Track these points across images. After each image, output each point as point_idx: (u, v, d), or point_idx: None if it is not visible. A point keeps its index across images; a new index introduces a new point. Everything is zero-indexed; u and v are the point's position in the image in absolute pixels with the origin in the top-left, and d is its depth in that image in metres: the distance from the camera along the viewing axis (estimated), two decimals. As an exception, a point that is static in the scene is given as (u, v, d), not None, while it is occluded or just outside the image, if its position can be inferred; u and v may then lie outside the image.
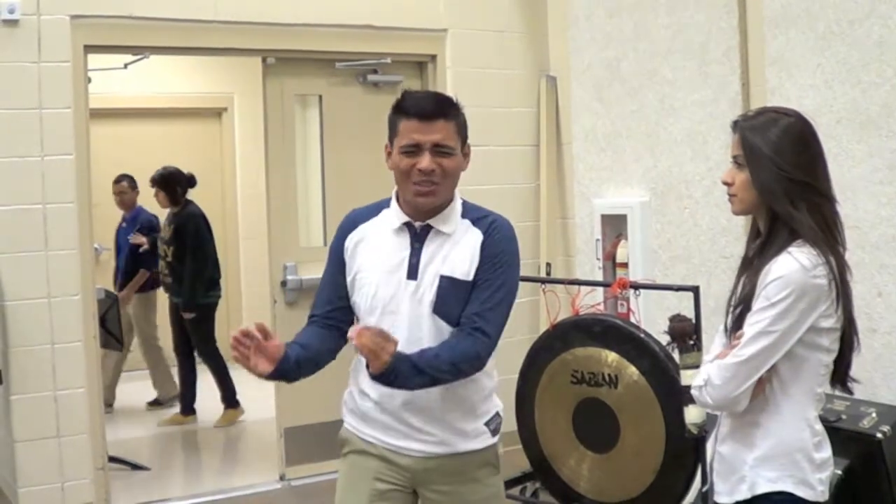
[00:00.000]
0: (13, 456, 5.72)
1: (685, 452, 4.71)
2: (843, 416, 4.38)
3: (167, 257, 8.24)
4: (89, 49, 5.95)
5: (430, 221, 3.24)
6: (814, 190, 2.83)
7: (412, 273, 3.21)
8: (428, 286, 3.20)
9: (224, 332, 8.07)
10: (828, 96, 5.11)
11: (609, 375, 4.98)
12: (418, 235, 3.24)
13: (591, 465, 5.12)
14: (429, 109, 3.18)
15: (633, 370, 4.90)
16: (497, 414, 3.37)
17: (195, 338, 8.32)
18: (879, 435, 4.27)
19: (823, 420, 3.02)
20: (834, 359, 2.89)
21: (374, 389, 3.19)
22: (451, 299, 3.20)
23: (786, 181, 2.80)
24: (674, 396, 4.48)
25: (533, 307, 6.89)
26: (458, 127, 3.25)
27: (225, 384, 8.26)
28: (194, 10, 6.12)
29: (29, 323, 5.70)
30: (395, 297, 3.19)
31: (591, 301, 5.37)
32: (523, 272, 6.92)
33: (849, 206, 4.82)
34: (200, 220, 8.31)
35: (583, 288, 5.54)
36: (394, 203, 3.29)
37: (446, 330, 3.19)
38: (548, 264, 7.12)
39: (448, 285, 3.20)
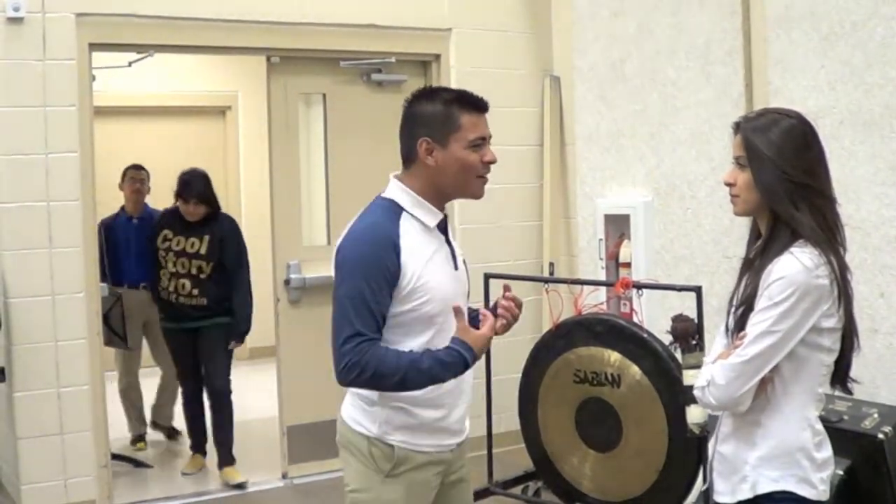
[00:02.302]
0: (16, 453, 5.73)
1: (687, 452, 4.73)
2: (845, 417, 4.38)
3: (200, 274, 6.69)
4: (94, 47, 5.95)
5: (444, 212, 3.31)
6: (815, 191, 2.83)
7: (455, 264, 3.31)
8: (465, 273, 3.38)
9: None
10: (831, 97, 5.11)
11: (612, 375, 4.99)
12: (444, 228, 3.30)
13: (593, 464, 5.13)
14: (485, 104, 3.28)
15: (635, 370, 4.91)
16: None
17: (223, 371, 6.84)
18: (881, 435, 4.27)
19: (825, 420, 3.02)
20: (834, 359, 2.90)
21: (450, 390, 3.24)
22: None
23: (787, 182, 2.80)
24: (676, 396, 4.49)
25: (536, 306, 6.89)
26: None
27: (230, 433, 6.87)
28: (199, 8, 6.13)
29: (33, 320, 5.71)
30: (455, 290, 3.26)
31: (594, 301, 5.38)
32: (527, 272, 7.00)
33: (851, 208, 4.84)
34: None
35: (586, 287, 5.55)
36: (421, 202, 3.22)
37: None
38: (551, 264, 7.13)
39: (467, 267, 3.44)
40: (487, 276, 5.70)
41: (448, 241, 3.30)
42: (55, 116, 5.73)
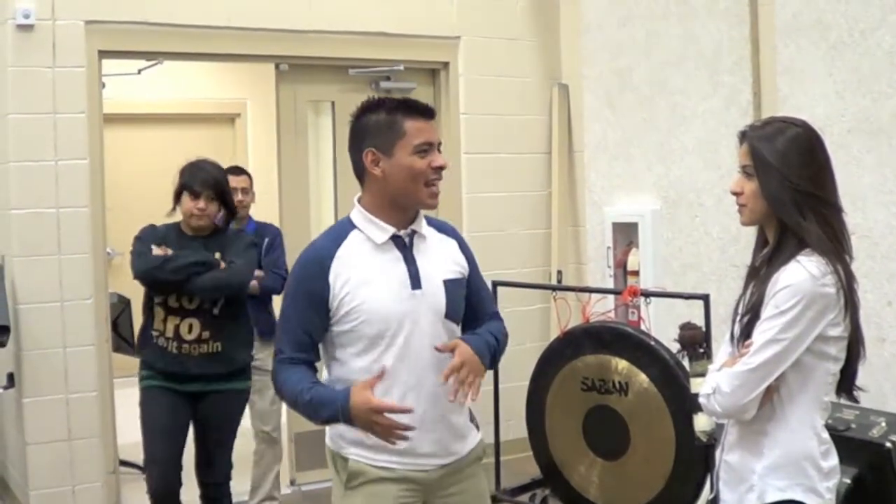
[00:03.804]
0: (25, 458, 5.74)
1: (695, 460, 4.72)
2: (853, 425, 4.38)
3: (213, 308, 4.90)
4: (104, 54, 5.98)
5: (413, 227, 3.21)
6: (821, 199, 2.83)
7: (416, 283, 3.15)
8: (435, 292, 3.18)
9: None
10: (839, 106, 5.12)
11: (619, 383, 4.99)
12: (406, 244, 3.20)
13: (601, 471, 5.13)
14: (431, 110, 3.21)
15: (643, 378, 4.91)
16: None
17: (229, 457, 5.16)
18: (888, 444, 4.27)
19: (832, 429, 3.02)
20: (840, 367, 2.90)
21: (404, 417, 3.03)
22: (458, 301, 3.25)
23: (793, 191, 2.80)
24: (683, 404, 4.49)
25: (544, 314, 6.90)
26: None
27: None
28: (208, 16, 6.15)
29: (42, 326, 5.72)
30: (407, 311, 3.12)
31: (602, 309, 5.38)
32: (535, 279, 6.99)
33: (859, 216, 4.84)
34: None
35: (593, 295, 5.55)
36: (370, 218, 3.18)
37: (456, 332, 3.23)
38: (559, 272, 7.13)
39: (453, 288, 3.23)
40: (495, 284, 5.70)
41: (410, 259, 3.18)
42: (65, 123, 5.75)
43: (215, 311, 4.87)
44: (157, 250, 4.83)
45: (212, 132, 10.68)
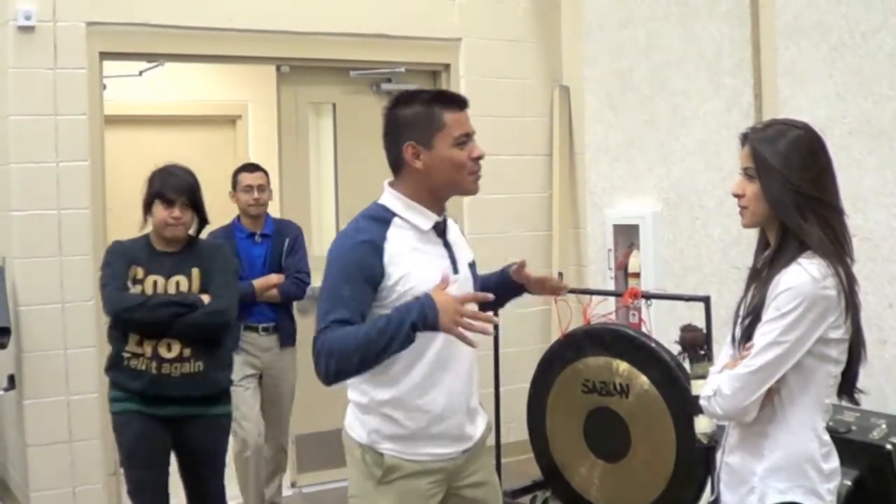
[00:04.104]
0: (26, 460, 5.74)
1: (695, 462, 4.72)
2: (853, 428, 4.38)
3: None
4: (105, 56, 5.97)
5: (444, 213, 3.31)
6: (822, 202, 2.83)
7: (455, 268, 3.27)
8: (466, 277, 3.31)
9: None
10: (840, 107, 5.12)
11: (620, 385, 4.99)
12: (442, 231, 3.29)
13: (601, 473, 5.13)
14: (465, 100, 3.26)
15: (643, 380, 4.91)
16: None
17: (221, 471, 4.84)
18: (889, 446, 4.27)
19: (833, 431, 3.02)
20: (841, 370, 2.90)
21: (442, 398, 3.18)
22: (476, 282, 3.40)
23: (794, 193, 2.80)
24: (684, 406, 4.49)
25: (544, 316, 6.90)
26: None
27: None
28: (209, 18, 6.15)
29: (43, 328, 5.72)
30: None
31: (603, 311, 5.37)
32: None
33: (860, 218, 4.83)
34: None
35: (594, 297, 5.55)
36: (412, 205, 3.22)
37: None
38: (560, 273, 7.11)
39: (474, 271, 3.40)
40: (496, 286, 5.70)
41: (447, 245, 3.29)
42: (66, 125, 5.75)
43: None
44: (133, 288, 4.49)
45: (213, 134, 10.68)
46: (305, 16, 6.42)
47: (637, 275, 6.44)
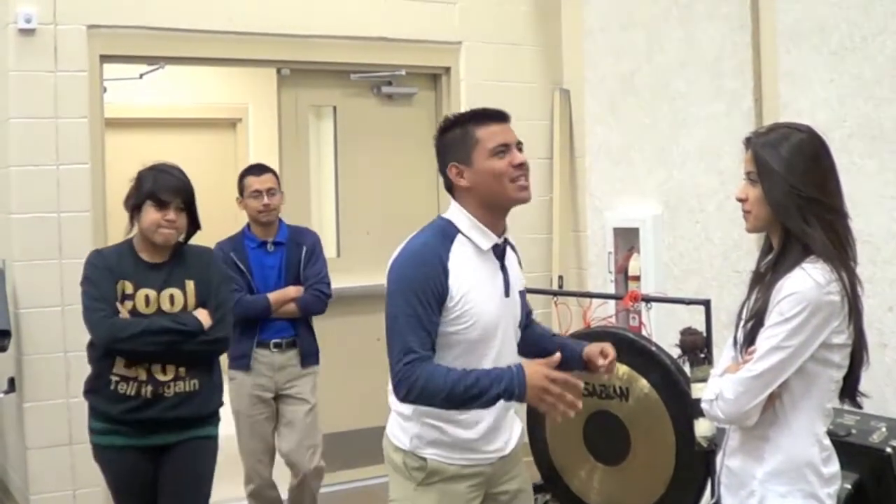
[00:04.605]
0: (26, 463, 5.74)
1: (695, 465, 4.72)
2: (853, 431, 4.38)
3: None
4: (105, 59, 5.98)
5: (505, 235, 3.36)
6: (826, 206, 2.83)
7: (507, 291, 3.32)
8: (516, 302, 3.38)
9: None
10: (840, 111, 5.11)
11: (620, 388, 4.98)
12: (499, 253, 3.33)
13: (601, 477, 5.12)
14: (502, 113, 3.34)
15: (643, 383, 4.90)
16: None
17: (205, 496, 4.46)
18: (889, 450, 4.26)
19: (833, 434, 3.02)
20: (843, 374, 2.90)
21: (484, 419, 3.29)
22: (525, 310, 3.47)
23: (797, 198, 2.80)
24: (684, 409, 4.49)
25: (545, 319, 6.87)
26: None
27: None
28: (210, 20, 6.15)
29: (43, 331, 5.72)
30: (501, 317, 3.28)
31: (603, 314, 5.37)
32: (536, 284, 6.98)
33: (861, 221, 4.80)
34: None
35: (594, 301, 5.55)
36: (476, 224, 3.27)
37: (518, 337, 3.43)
38: (560, 277, 7.13)
39: (524, 299, 3.46)
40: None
41: (503, 267, 3.33)
42: (66, 128, 5.75)
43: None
44: (122, 311, 4.14)
45: (213, 137, 10.69)
46: (306, 18, 6.43)
47: (637, 278, 6.43)
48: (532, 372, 3.05)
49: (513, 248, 3.50)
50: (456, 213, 3.29)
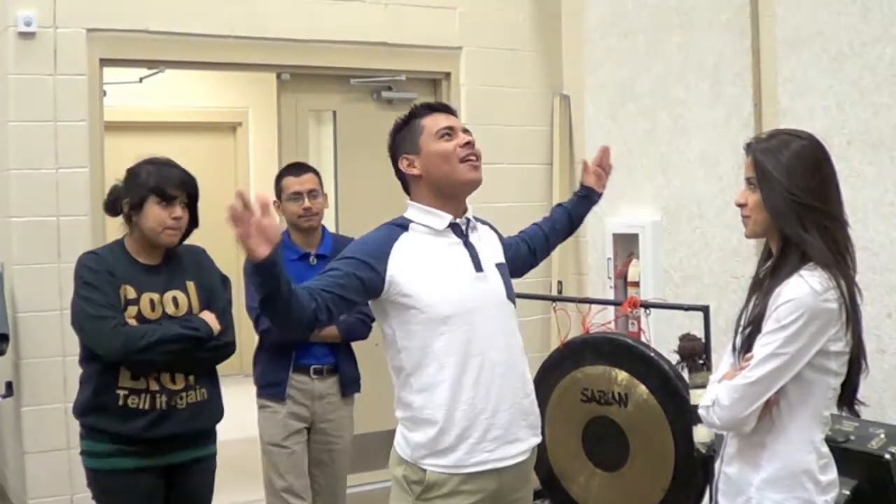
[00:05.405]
0: (23, 468, 5.73)
1: (694, 471, 4.71)
2: (852, 437, 4.37)
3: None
4: (105, 62, 5.97)
5: (468, 215, 3.40)
6: (824, 214, 2.84)
7: (477, 266, 3.33)
8: (493, 275, 3.38)
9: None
10: (839, 118, 5.12)
11: (619, 394, 4.98)
12: (462, 231, 3.36)
13: (600, 483, 5.12)
14: (445, 105, 3.46)
15: (642, 389, 4.90)
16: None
17: None
18: (888, 456, 4.25)
19: (831, 441, 3.02)
20: (841, 382, 2.90)
21: (446, 406, 3.24)
22: (510, 283, 3.46)
23: (796, 204, 2.81)
24: (683, 416, 4.49)
25: (544, 325, 6.89)
26: None
27: None
28: (210, 25, 6.15)
29: (41, 335, 5.70)
30: (471, 292, 3.28)
31: (602, 320, 5.37)
32: (535, 290, 6.99)
33: (859, 228, 4.82)
34: None
35: (593, 306, 5.54)
36: (427, 209, 3.33)
37: (514, 314, 3.44)
38: (559, 282, 7.13)
39: (504, 272, 3.45)
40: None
41: (468, 244, 3.35)
42: (66, 131, 5.75)
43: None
44: (126, 311, 3.88)
45: (213, 141, 10.71)
46: (306, 23, 6.42)
47: (636, 284, 6.43)
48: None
49: (491, 227, 3.62)
50: (409, 209, 3.37)
